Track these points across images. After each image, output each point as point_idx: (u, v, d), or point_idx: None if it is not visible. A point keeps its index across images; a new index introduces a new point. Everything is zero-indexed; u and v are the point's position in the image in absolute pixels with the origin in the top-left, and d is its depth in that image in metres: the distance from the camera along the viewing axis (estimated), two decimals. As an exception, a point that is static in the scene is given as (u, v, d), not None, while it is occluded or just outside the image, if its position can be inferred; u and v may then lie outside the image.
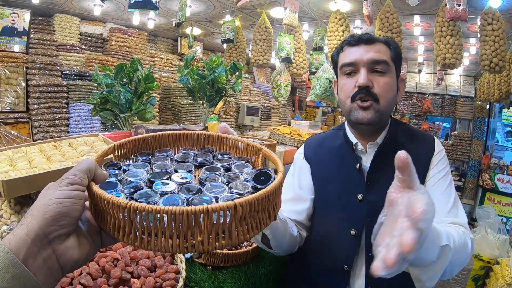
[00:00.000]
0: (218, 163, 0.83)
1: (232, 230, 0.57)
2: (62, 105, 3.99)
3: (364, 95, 1.25)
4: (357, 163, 1.34)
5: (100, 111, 2.42)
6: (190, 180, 0.72)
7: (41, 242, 0.52)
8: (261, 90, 6.70)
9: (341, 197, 1.35)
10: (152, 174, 0.73)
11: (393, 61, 1.31)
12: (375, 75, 1.27)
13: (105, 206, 0.56)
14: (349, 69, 1.31)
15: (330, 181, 1.40)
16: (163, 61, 5.86)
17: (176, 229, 0.54)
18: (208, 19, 5.45)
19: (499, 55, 3.56)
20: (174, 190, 0.66)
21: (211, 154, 0.87)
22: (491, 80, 5.75)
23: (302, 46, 4.79)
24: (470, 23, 4.65)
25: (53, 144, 1.72)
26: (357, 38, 1.31)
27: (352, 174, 1.35)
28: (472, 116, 7.52)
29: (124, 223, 0.56)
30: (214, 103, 2.69)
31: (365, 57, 1.26)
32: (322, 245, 1.38)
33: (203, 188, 0.67)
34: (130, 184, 0.67)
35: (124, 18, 5.34)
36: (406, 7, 4.24)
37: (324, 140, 1.54)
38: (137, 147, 0.85)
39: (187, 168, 0.78)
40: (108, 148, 0.77)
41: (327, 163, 1.44)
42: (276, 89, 4.42)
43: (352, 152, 1.38)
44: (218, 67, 2.55)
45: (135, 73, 2.33)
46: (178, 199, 0.61)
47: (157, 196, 0.62)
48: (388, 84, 1.27)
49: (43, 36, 4.42)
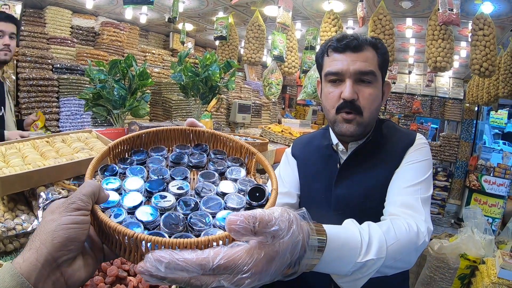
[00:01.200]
0: (212, 167, 0.84)
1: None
2: (53, 99, 3.93)
3: (349, 108, 1.24)
4: (337, 163, 1.37)
5: (93, 107, 2.39)
6: (187, 190, 0.75)
7: (50, 266, 0.54)
8: (252, 87, 6.69)
9: (325, 195, 1.38)
10: (150, 183, 0.75)
11: (380, 69, 1.28)
12: (361, 86, 1.24)
13: (110, 231, 0.59)
14: (334, 77, 1.28)
15: (315, 179, 1.43)
16: (154, 56, 5.82)
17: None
18: (201, 15, 5.42)
19: (489, 60, 3.61)
20: (173, 204, 0.69)
21: (205, 153, 0.88)
22: (480, 83, 5.83)
23: (295, 45, 4.80)
24: (462, 27, 4.70)
25: (46, 140, 1.72)
26: (344, 45, 1.24)
27: (333, 173, 1.37)
28: (461, 118, 7.62)
29: (129, 247, 0.58)
30: (207, 100, 2.68)
31: (352, 67, 1.22)
32: None
33: (199, 202, 0.70)
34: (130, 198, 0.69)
35: (117, 12, 5.28)
36: (399, 9, 4.28)
37: (312, 139, 1.56)
38: (130, 145, 0.86)
39: (183, 173, 0.80)
40: (103, 152, 0.77)
41: (313, 161, 1.47)
42: (267, 87, 4.42)
43: (334, 152, 1.40)
44: (212, 64, 2.55)
45: (129, 69, 2.31)
46: (177, 218, 0.64)
47: (157, 215, 0.65)
48: (373, 95, 1.25)
49: (34, 29, 4.35)
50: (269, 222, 0.56)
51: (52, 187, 1.37)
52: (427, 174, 1.24)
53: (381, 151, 1.33)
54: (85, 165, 1.44)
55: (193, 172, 0.84)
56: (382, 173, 1.28)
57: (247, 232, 0.54)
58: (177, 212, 0.67)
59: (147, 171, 0.79)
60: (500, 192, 6.15)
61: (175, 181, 0.77)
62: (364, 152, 1.33)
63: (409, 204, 1.13)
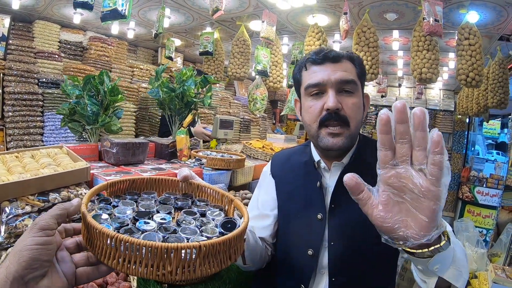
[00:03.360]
0: (195, 208, 0.97)
1: (196, 266, 0.70)
2: (37, 113, 3.91)
3: (334, 120, 1.18)
4: (317, 181, 1.29)
5: (69, 122, 2.37)
6: (168, 221, 0.85)
7: (18, 283, 0.60)
8: (242, 102, 6.68)
9: (302, 214, 1.31)
10: (137, 212, 0.87)
11: (359, 79, 1.25)
12: (344, 96, 1.20)
13: (96, 234, 0.69)
14: (315, 90, 1.22)
15: (292, 198, 1.37)
16: (142, 72, 5.80)
17: (151, 260, 0.67)
18: (188, 31, 5.42)
19: (476, 70, 3.59)
20: (154, 229, 0.79)
21: (190, 199, 1.02)
22: (469, 94, 5.83)
23: (280, 60, 4.78)
24: (449, 37, 4.72)
25: (15, 155, 1.69)
26: (323, 56, 1.22)
27: (313, 193, 1.30)
28: (452, 129, 7.61)
29: (110, 250, 0.68)
30: (184, 116, 2.64)
31: (333, 77, 1.19)
32: (282, 263, 1.37)
33: (178, 229, 0.81)
34: (118, 220, 0.80)
35: (104, 27, 5.26)
36: (384, 21, 4.28)
37: (291, 155, 1.50)
38: (126, 186, 1.01)
39: (168, 210, 0.92)
40: (102, 185, 0.91)
41: (291, 179, 1.41)
42: (252, 103, 4.39)
43: (315, 170, 1.33)
44: (187, 80, 2.50)
45: (101, 85, 2.27)
46: (156, 237, 0.74)
47: (139, 233, 0.75)
48: (356, 105, 1.21)
49: (22, 43, 4.34)
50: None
51: (16, 202, 1.34)
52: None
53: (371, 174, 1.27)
54: (49, 181, 1.43)
55: (178, 212, 0.95)
56: None
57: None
58: (157, 234, 0.76)
59: (137, 206, 0.91)
60: (494, 203, 6.10)
61: (160, 214, 0.89)
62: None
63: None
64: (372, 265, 1.19)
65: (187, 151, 2.39)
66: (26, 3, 4.26)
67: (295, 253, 1.30)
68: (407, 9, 3.85)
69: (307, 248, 1.25)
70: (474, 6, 3.61)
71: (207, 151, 2.48)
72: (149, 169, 2.00)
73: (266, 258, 1.39)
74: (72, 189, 1.51)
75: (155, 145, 2.48)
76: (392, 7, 3.85)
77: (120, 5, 2.71)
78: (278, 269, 1.38)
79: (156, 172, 1.91)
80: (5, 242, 1.22)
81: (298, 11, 4.20)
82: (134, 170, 1.92)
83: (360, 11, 4.01)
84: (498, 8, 3.58)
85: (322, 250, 1.24)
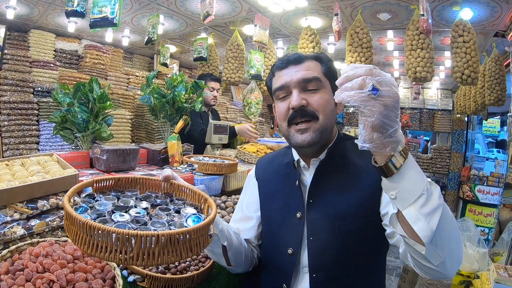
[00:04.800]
0: (172, 206, 1.06)
1: (156, 254, 0.78)
2: (33, 122, 3.90)
3: (301, 116, 1.22)
4: (296, 180, 1.32)
5: (61, 130, 2.37)
6: (142, 215, 0.94)
7: None
8: (239, 107, 6.65)
9: (282, 214, 1.35)
10: (116, 206, 0.96)
11: (326, 76, 1.28)
12: (309, 94, 1.24)
13: (72, 221, 0.78)
14: (281, 93, 1.28)
15: (273, 198, 1.41)
16: (138, 79, 5.78)
17: (115, 245, 0.75)
18: (182, 37, 5.42)
19: (471, 67, 3.56)
20: (127, 220, 0.88)
21: (169, 198, 1.12)
22: (467, 92, 5.80)
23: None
24: (444, 36, 4.69)
25: (6, 163, 1.71)
26: (286, 60, 1.29)
27: (292, 192, 1.34)
28: (451, 128, 7.58)
29: (82, 235, 0.77)
30: (175, 122, 2.62)
31: (295, 77, 1.24)
32: (265, 264, 1.42)
33: (149, 222, 0.89)
34: (97, 212, 0.89)
35: (99, 35, 5.28)
36: (378, 22, 4.26)
37: (274, 158, 1.55)
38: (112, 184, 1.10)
39: (145, 206, 1.01)
40: (88, 182, 1.03)
41: (273, 180, 1.45)
42: (247, 107, 4.38)
43: (294, 169, 1.37)
44: (178, 85, 2.49)
45: (91, 92, 2.26)
46: (126, 227, 0.82)
47: (113, 223, 0.84)
48: (323, 99, 1.24)
49: (17, 52, 4.34)
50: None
51: (4, 209, 1.35)
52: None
53: (349, 169, 1.29)
54: (38, 188, 1.45)
55: (155, 209, 1.04)
56: (354, 194, 1.23)
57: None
58: (128, 225, 0.85)
59: (117, 201, 1.00)
60: (495, 201, 6.08)
61: (136, 208, 0.97)
62: (329, 169, 1.29)
63: None
64: (353, 261, 1.21)
65: (178, 157, 2.37)
66: (21, 12, 4.27)
67: (276, 253, 1.33)
68: (400, 8, 3.83)
69: (287, 247, 1.28)
70: (467, 3, 3.58)
71: (199, 156, 2.46)
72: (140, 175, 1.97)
73: (252, 260, 1.42)
74: (61, 196, 1.52)
75: (147, 151, 2.47)
76: (385, 7, 3.83)
77: (110, 13, 2.70)
78: (263, 270, 1.42)
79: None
80: None
81: (290, 14, 4.19)
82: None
83: (353, 12, 3.99)
84: (492, 4, 3.55)
85: (302, 248, 1.27)
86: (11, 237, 1.25)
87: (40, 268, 1.03)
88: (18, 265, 1.03)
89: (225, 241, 1.22)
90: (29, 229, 1.31)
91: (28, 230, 1.30)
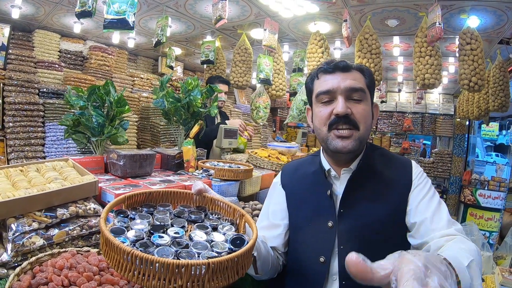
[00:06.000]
0: (208, 222, 1.04)
1: (205, 281, 0.76)
2: (38, 124, 3.84)
3: (343, 123, 1.24)
4: (328, 190, 1.33)
5: (73, 133, 2.33)
6: (181, 235, 0.92)
7: None
8: (242, 110, 6.66)
9: (312, 223, 1.35)
10: (153, 226, 0.94)
11: (368, 88, 1.31)
12: (352, 103, 1.26)
13: (113, 249, 0.76)
14: (325, 97, 1.28)
15: (302, 207, 1.41)
16: (143, 81, 5.78)
17: (163, 274, 0.73)
18: (189, 39, 5.42)
19: (478, 74, 3.60)
20: (168, 243, 0.86)
21: (203, 212, 1.09)
22: (470, 98, 5.84)
23: (282, 68, 4.77)
24: (449, 42, 4.73)
25: (20, 169, 1.64)
26: (333, 66, 1.29)
27: (323, 201, 1.34)
28: (452, 133, 7.62)
29: (126, 264, 0.75)
30: (190, 126, 2.61)
31: (343, 85, 1.25)
32: (293, 271, 1.41)
33: (190, 244, 0.87)
34: (134, 234, 0.87)
35: (105, 36, 5.27)
36: (385, 28, 4.28)
37: (300, 165, 1.54)
38: (143, 198, 1.08)
39: (181, 223, 0.99)
40: (120, 198, 0.99)
41: (300, 188, 1.45)
42: (255, 111, 4.37)
43: (325, 179, 1.37)
44: (193, 90, 2.49)
45: (107, 95, 2.25)
46: (169, 251, 0.81)
47: (154, 247, 0.82)
48: (366, 111, 1.27)
49: (22, 52, 4.30)
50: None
51: (22, 219, 1.28)
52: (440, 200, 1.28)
53: (378, 180, 1.31)
54: (56, 196, 1.38)
55: (191, 226, 1.02)
56: (383, 204, 1.27)
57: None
58: (170, 248, 0.83)
59: (152, 219, 0.98)
60: (496, 205, 6.12)
61: (174, 227, 0.95)
62: (360, 180, 1.31)
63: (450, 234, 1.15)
64: None
65: (194, 162, 2.37)
66: (26, 12, 4.25)
67: (307, 261, 1.33)
68: (409, 15, 3.85)
69: (318, 256, 1.28)
70: (474, 11, 3.62)
71: (214, 162, 2.46)
72: (158, 181, 1.96)
73: (278, 267, 1.42)
74: (80, 204, 1.46)
75: (161, 156, 2.46)
76: (394, 14, 3.86)
77: (128, 16, 2.68)
78: (290, 277, 1.42)
79: (165, 184, 1.89)
80: (12, 261, 1.16)
81: (300, 19, 4.21)
82: (143, 183, 1.89)
83: (362, 18, 4.01)
84: (499, 12, 3.58)
85: (333, 256, 1.28)
86: (30, 248, 1.20)
87: (65, 281, 0.98)
88: (41, 279, 0.97)
89: (255, 251, 1.22)
90: (48, 239, 1.25)
91: (48, 240, 1.25)
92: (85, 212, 1.42)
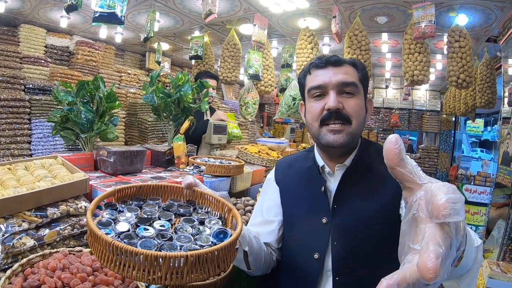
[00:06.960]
0: (195, 216, 1.02)
1: (184, 273, 0.77)
2: (24, 121, 3.76)
3: (335, 118, 1.23)
4: (322, 186, 1.32)
5: (61, 130, 2.27)
6: (167, 228, 0.91)
7: None
8: (230, 106, 6.64)
9: (306, 219, 1.34)
10: (139, 219, 0.93)
11: (361, 83, 1.29)
12: (344, 97, 1.24)
13: (97, 240, 0.77)
14: (317, 92, 1.27)
15: (296, 203, 1.40)
16: (130, 77, 5.71)
17: (143, 265, 0.75)
18: (177, 35, 5.37)
19: (466, 71, 3.63)
20: (152, 235, 0.85)
21: (192, 206, 1.08)
22: (457, 94, 5.91)
23: (271, 63, 4.77)
24: (437, 40, 4.77)
25: (8, 167, 1.59)
26: (325, 60, 1.28)
27: (318, 197, 1.33)
28: (439, 129, 7.72)
29: (108, 255, 0.76)
30: (180, 122, 2.58)
31: (334, 79, 1.24)
32: (288, 268, 1.40)
33: (174, 237, 0.87)
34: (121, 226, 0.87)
35: (92, 31, 5.19)
36: (375, 24, 4.30)
37: (294, 161, 1.53)
38: (133, 192, 1.06)
39: (168, 217, 0.97)
40: (109, 192, 0.99)
41: (294, 184, 1.44)
42: (243, 107, 4.35)
43: (319, 175, 1.36)
44: (184, 85, 2.45)
45: (96, 91, 2.20)
46: (152, 243, 0.80)
47: (138, 239, 0.82)
48: (358, 105, 1.25)
49: (7, 47, 4.22)
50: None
51: (12, 219, 1.24)
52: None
53: (372, 175, 1.29)
54: (46, 195, 1.33)
55: (179, 219, 1.00)
56: (377, 200, 1.25)
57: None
58: (154, 241, 0.82)
59: (140, 212, 0.97)
60: (482, 200, 6.19)
61: (160, 220, 0.94)
62: (354, 176, 1.30)
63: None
64: (375, 263, 1.20)
65: (185, 158, 2.34)
66: (12, 6, 4.17)
67: (301, 257, 1.32)
68: (398, 12, 3.88)
69: (313, 253, 1.28)
70: (463, 9, 3.66)
71: (205, 158, 2.43)
72: (149, 178, 1.94)
73: (271, 263, 1.41)
74: (71, 202, 1.42)
75: (151, 152, 2.42)
76: (383, 11, 3.88)
77: (119, 11, 2.63)
78: (285, 274, 1.40)
79: (157, 181, 1.85)
80: (3, 263, 1.11)
81: (289, 15, 4.20)
82: (134, 180, 1.86)
83: (351, 15, 4.02)
84: (487, 11, 3.63)
85: (327, 252, 1.27)
86: (21, 249, 1.15)
87: (59, 283, 0.96)
88: (33, 281, 0.95)
89: (246, 246, 1.22)
90: (39, 240, 1.21)
91: (38, 241, 1.21)
92: (76, 211, 1.39)
